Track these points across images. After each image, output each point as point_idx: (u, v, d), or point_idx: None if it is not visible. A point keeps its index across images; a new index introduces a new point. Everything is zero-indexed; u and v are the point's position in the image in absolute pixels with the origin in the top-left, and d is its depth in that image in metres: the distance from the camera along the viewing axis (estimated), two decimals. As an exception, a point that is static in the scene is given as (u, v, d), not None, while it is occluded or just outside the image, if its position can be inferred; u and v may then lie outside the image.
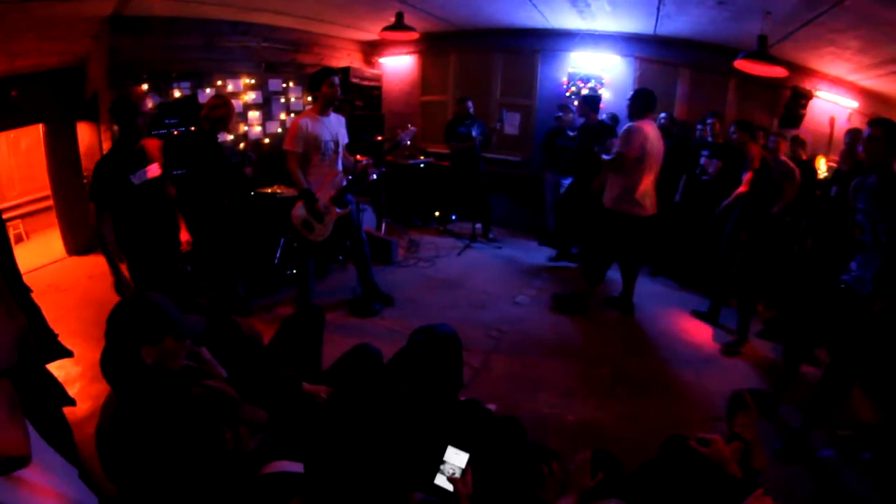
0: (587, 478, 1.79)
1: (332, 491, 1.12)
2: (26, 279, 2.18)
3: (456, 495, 1.56)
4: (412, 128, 4.58)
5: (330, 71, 4.15)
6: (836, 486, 2.78)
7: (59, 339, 2.19)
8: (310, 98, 4.25)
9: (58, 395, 2.03)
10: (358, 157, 4.42)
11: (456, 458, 1.64)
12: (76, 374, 3.44)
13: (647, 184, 4.38)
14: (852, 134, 4.07)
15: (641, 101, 4.34)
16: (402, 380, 2.24)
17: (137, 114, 3.20)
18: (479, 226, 6.83)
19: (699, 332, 4.54)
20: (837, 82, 5.50)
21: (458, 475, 1.61)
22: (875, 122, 2.76)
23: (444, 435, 1.77)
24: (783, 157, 4.45)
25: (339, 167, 4.28)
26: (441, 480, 1.60)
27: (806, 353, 3.91)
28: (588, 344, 4.32)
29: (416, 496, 1.52)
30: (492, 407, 2.97)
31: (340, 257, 5.72)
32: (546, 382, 3.69)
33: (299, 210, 4.19)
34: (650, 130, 4.31)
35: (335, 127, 4.21)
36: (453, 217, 7.62)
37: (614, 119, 6.03)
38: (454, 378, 2.70)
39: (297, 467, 1.49)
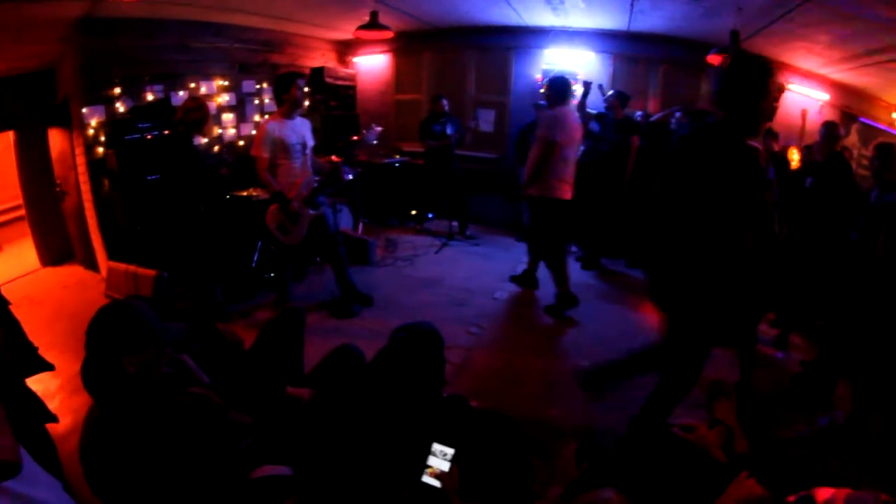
0: (573, 468, 1.82)
1: (324, 491, 1.14)
2: (2, 295, 2.14)
3: (443, 491, 1.57)
4: (377, 127, 4.56)
5: (296, 74, 4.14)
6: (821, 468, 2.80)
7: (38, 352, 2.15)
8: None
9: (39, 410, 1.99)
10: (333, 157, 4.41)
11: (441, 455, 1.66)
12: (55, 388, 3.35)
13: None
14: (828, 126, 4.12)
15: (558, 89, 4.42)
16: (385, 378, 2.25)
17: None
18: (455, 224, 6.87)
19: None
20: (809, 76, 5.62)
21: (444, 470, 1.62)
22: None
23: (430, 432, 1.79)
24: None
25: (310, 169, 4.27)
26: (428, 477, 1.61)
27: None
28: (568, 337, 4.38)
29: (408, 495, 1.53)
30: (474, 404, 2.98)
31: (318, 259, 5.71)
32: (528, 376, 3.72)
33: (273, 213, 4.18)
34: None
35: (301, 130, 4.20)
36: (430, 216, 7.65)
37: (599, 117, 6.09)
38: (437, 375, 2.72)
39: (284, 470, 1.50)
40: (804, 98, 5.72)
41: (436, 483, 1.59)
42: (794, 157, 5.28)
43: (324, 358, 2.53)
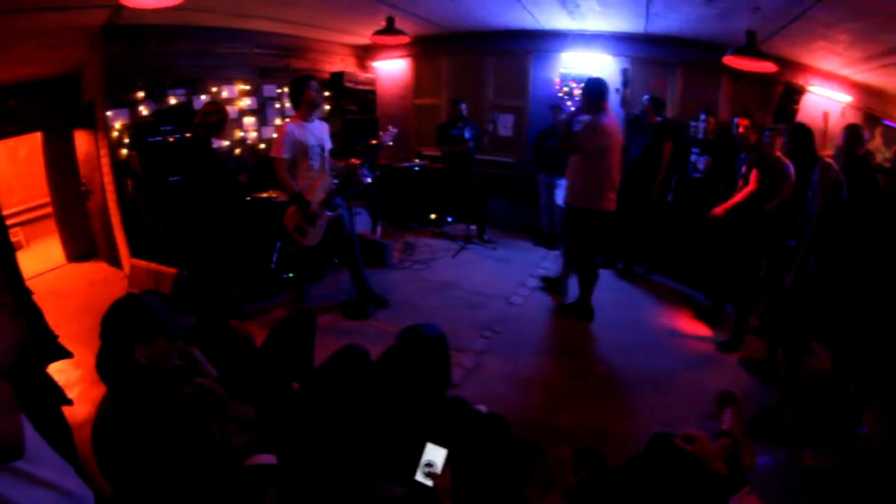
0: (570, 475, 1.82)
1: (304, 481, 1.17)
2: (27, 285, 2.24)
3: (434, 490, 1.59)
4: (392, 129, 4.60)
5: (309, 77, 4.21)
6: (830, 488, 2.76)
7: (59, 341, 2.25)
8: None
9: (56, 395, 2.10)
10: (352, 160, 4.48)
11: (435, 454, 1.67)
12: (76, 378, 3.51)
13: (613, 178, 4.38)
14: (851, 129, 3.98)
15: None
16: (388, 378, 2.29)
17: None
18: (473, 227, 6.89)
19: (695, 330, 4.57)
20: (830, 77, 5.51)
21: (437, 470, 1.64)
22: None
23: (426, 432, 1.81)
24: (778, 153, 4.42)
25: (328, 171, 4.34)
26: (421, 476, 1.63)
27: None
28: (582, 343, 4.37)
29: (389, 489, 1.56)
30: (482, 408, 2.99)
31: (336, 261, 5.77)
32: (539, 382, 3.73)
33: (292, 215, 4.26)
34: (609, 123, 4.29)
35: (320, 132, 4.28)
36: (449, 219, 7.68)
37: None
38: (440, 376, 2.75)
39: (270, 459, 1.56)
40: (825, 100, 5.61)
41: (428, 482, 1.62)
42: None
43: (329, 356, 2.58)
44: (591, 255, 4.62)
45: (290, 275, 5.11)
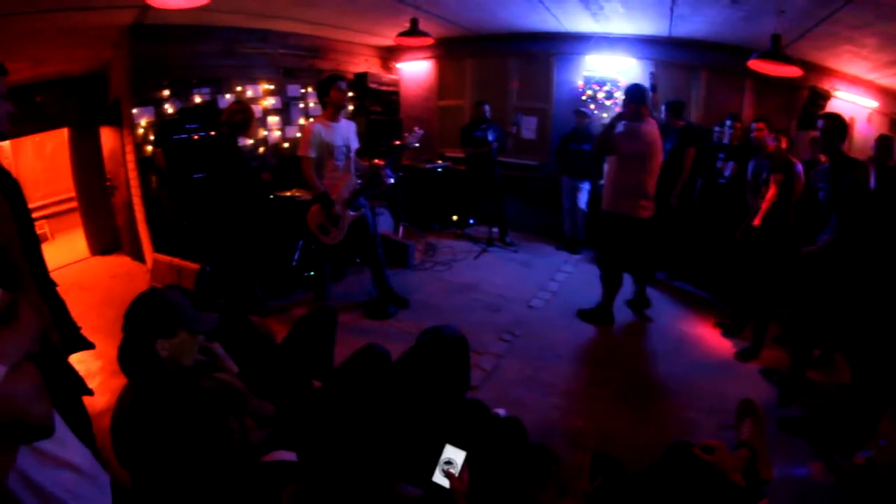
0: (586, 481, 1.79)
1: (323, 479, 1.16)
2: (51, 277, 2.26)
3: (451, 492, 1.58)
4: (418, 130, 4.59)
5: (336, 77, 4.22)
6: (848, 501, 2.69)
7: (82, 333, 2.26)
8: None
9: (77, 385, 2.12)
10: (376, 160, 4.49)
11: (453, 456, 1.66)
12: (97, 369, 3.57)
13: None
14: (881, 140, 3.87)
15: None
16: (408, 378, 2.27)
17: None
18: (495, 230, 6.86)
19: (715, 338, 4.49)
20: (856, 81, 5.39)
21: (455, 472, 1.63)
22: None
23: (445, 433, 1.80)
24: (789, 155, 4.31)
25: (353, 171, 4.35)
26: (438, 477, 1.62)
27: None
28: (601, 348, 4.32)
29: (406, 489, 1.54)
30: (501, 412, 2.97)
31: (358, 260, 5.77)
32: (557, 386, 3.69)
33: (315, 214, 4.27)
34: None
35: (346, 132, 4.29)
36: (471, 221, 7.65)
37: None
38: (460, 378, 2.73)
39: (290, 456, 1.55)
40: (851, 105, 5.48)
41: (445, 484, 1.60)
42: None
43: (350, 355, 2.57)
44: (618, 262, 4.55)
45: (311, 273, 5.12)
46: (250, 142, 5.91)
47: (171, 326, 1.63)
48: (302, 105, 6.60)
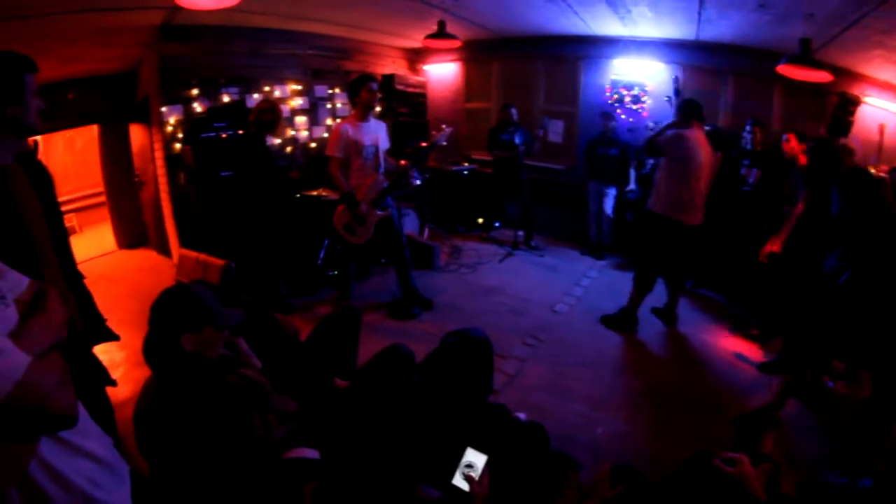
0: (606, 489, 1.76)
1: (344, 477, 1.15)
2: (79, 269, 2.29)
3: (471, 495, 1.56)
4: (446, 128, 4.57)
5: (368, 77, 4.24)
6: None
7: (107, 324, 2.29)
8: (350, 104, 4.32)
9: (101, 375, 2.14)
10: (402, 161, 4.48)
11: (475, 460, 1.63)
12: (121, 360, 3.64)
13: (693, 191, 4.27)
14: None
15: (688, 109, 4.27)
16: (432, 380, 2.25)
17: None
18: (521, 233, 6.82)
19: (740, 349, 4.38)
20: (887, 87, 5.23)
21: (475, 476, 1.61)
22: None
23: (466, 436, 1.78)
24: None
25: (381, 171, 4.35)
26: (458, 480, 1.60)
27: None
28: (625, 356, 4.25)
29: (427, 492, 1.52)
30: (521, 416, 2.95)
31: (383, 260, 5.76)
32: (579, 392, 3.64)
33: (341, 213, 4.28)
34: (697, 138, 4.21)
35: (375, 132, 4.30)
36: (497, 224, 7.60)
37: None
38: (484, 381, 2.70)
39: (313, 454, 1.54)
40: (882, 111, 5.31)
41: (465, 486, 1.58)
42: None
43: (375, 355, 2.56)
44: (657, 266, 4.50)
45: (336, 272, 5.13)
46: (278, 141, 5.96)
47: (197, 321, 1.63)
48: (329, 106, 6.64)
